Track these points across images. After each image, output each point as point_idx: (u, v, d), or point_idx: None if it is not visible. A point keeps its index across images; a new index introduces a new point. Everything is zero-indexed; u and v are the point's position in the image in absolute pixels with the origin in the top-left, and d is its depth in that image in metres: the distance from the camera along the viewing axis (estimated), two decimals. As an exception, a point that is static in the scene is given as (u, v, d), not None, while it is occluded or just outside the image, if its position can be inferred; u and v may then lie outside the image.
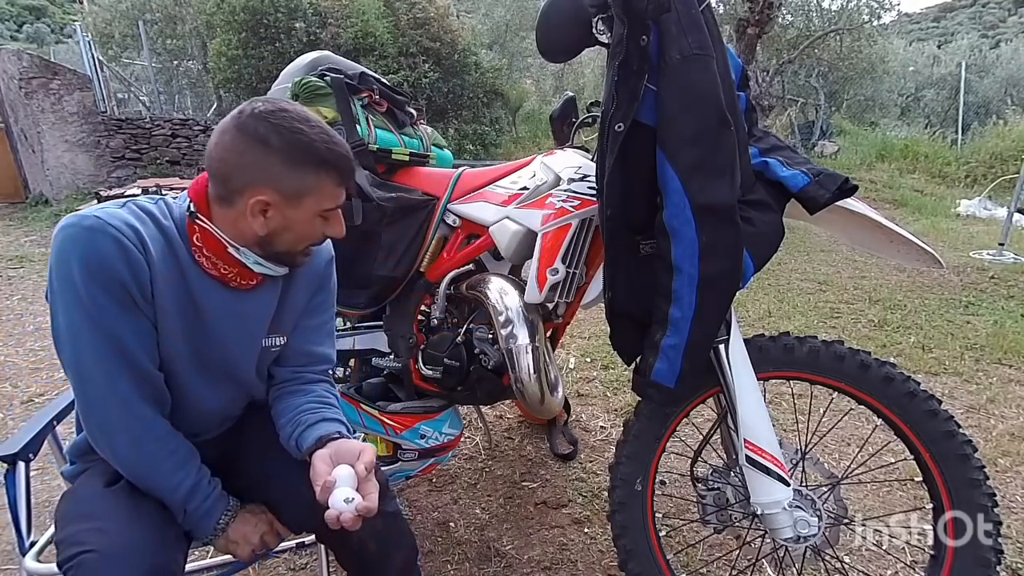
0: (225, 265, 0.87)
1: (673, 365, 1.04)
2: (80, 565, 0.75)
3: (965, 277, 4.06)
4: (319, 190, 0.85)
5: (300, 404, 0.99)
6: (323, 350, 1.06)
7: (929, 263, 1.15)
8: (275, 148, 0.81)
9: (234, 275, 0.89)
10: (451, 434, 1.43)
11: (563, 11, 1.03)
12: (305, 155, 0.82)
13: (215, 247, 0.86)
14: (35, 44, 23.61)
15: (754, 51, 6.63)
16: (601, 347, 2.85)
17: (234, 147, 0.81)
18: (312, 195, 0.85)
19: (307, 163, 0.82)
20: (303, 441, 0.93)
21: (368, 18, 7.64)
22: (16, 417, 2.26)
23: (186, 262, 0.86)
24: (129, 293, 0.79)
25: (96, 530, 0.79)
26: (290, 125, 0.81)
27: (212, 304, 0.89)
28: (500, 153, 9.13)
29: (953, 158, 9.23)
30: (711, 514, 1.25)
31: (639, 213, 1.04)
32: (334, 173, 0.85)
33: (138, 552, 0.78)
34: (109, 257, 0.77)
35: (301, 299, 1.01)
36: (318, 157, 0.83)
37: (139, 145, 7.20)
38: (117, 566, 0.76)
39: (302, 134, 0.82)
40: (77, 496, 0.90)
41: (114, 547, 0.77)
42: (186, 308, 0.87)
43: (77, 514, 0.85)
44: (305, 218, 0.86)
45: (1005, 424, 2.19)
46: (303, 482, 0.86)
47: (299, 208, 0.85)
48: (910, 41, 17.51)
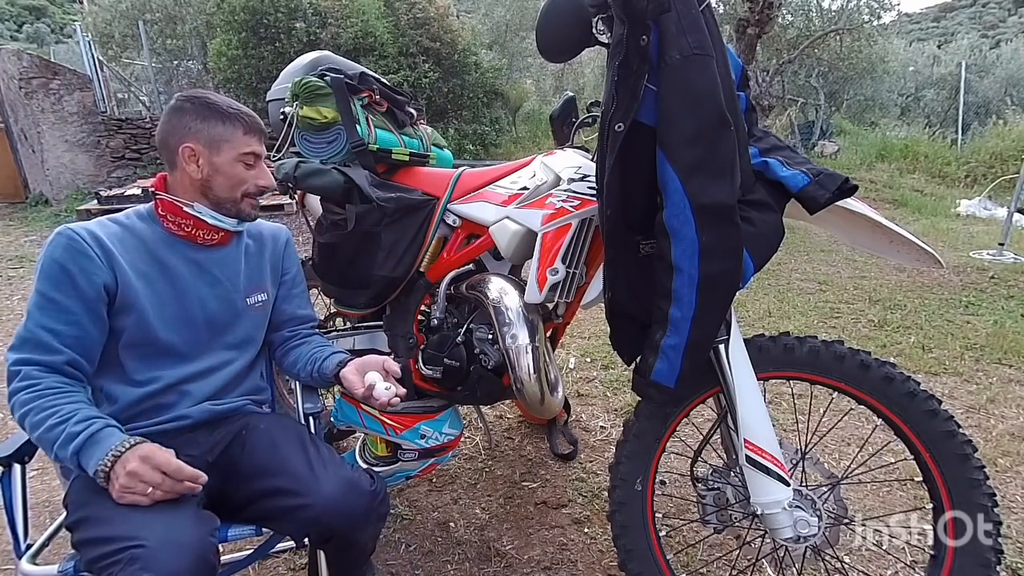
0: (187, 223, 1.08)
1: (673, 365, 1.04)
2: (131, 560, 0.78)
3: (965, 277, 4.06)
4: (230, 137, 1.07)
5: (308, 350, 1.24)
6: (308, 312, 1.31)
7: (929, 263, 1.15)
8: (188, 110, 1.06)
9: (196, 230, 1.09)
10: (451, 434, 1.43)
11: (563, 11, 1.03)
12: (210, 111, 1.06)
13: (174, 209, 1.07)
14: (35, 44, 23.62)
15: (754, 51, 6.62)
16: (601, 347, 2.85)
17: (165, 121, 1.08)
18: (226, 141, 1.07)
19: (214, 117, 1.06)
20: (325, 368, 1.16)
21: (368, 18, 7.63)
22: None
23: (153, 241, 1.07)
24: (72, 280, 0.96)
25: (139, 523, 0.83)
26: (198, 95, 1.08)
27: (183, 268, 1.08)
28: (500, 153, 9.13)
29: (953, 158, 9.23)
30: (711, 514, 1.24)
31: (639, 213, 1.04)
32: (239, 123, 1.08)
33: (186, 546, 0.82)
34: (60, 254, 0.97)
35: (263, 265, 1.22)
36: (221, 112, 1.07)
37: (139, 145, 7.18)
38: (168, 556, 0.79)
39: (207, 99, 1.08)
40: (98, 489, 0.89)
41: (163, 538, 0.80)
42: (154, 275, 1.05)
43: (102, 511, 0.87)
44: (227, 161, 1.07)
45: (1005, 424, 2.19)
46: (302, 496, 0.99)
47: (220, 153, 1.07)
48: (910, 41, 17.49)
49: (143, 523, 0.83)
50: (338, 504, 0.99)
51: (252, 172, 1.11)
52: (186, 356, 1.09)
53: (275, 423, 1.16)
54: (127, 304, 1.01)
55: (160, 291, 1.05)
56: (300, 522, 0.99)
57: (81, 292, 0.97)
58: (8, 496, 0.99)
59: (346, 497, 1.00)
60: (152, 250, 1.06)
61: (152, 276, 1.05)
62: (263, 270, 1.22)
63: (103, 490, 0.88)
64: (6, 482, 0.99)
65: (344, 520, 1.00)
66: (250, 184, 1.11)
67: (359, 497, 1.02)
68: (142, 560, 0.78)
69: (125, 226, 1.06)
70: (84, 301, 0.97)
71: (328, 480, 1.01)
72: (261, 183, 1.12)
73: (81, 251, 0.97)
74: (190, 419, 1.08)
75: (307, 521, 0.99)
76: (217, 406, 1.12)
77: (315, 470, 1.03)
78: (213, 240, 1.12)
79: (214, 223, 1.10)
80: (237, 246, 1.18)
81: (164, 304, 1.06)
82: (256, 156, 1.11)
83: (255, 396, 1.21)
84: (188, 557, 0.81)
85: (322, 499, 0.99)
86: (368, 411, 1.39)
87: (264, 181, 1.12)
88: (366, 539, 1.06)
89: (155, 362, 1.06)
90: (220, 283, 1.13)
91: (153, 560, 0.78)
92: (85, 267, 0.97)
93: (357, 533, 1.03)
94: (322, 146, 1.47)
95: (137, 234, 1.06)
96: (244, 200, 1.12)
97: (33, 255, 4.64)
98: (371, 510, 1.03)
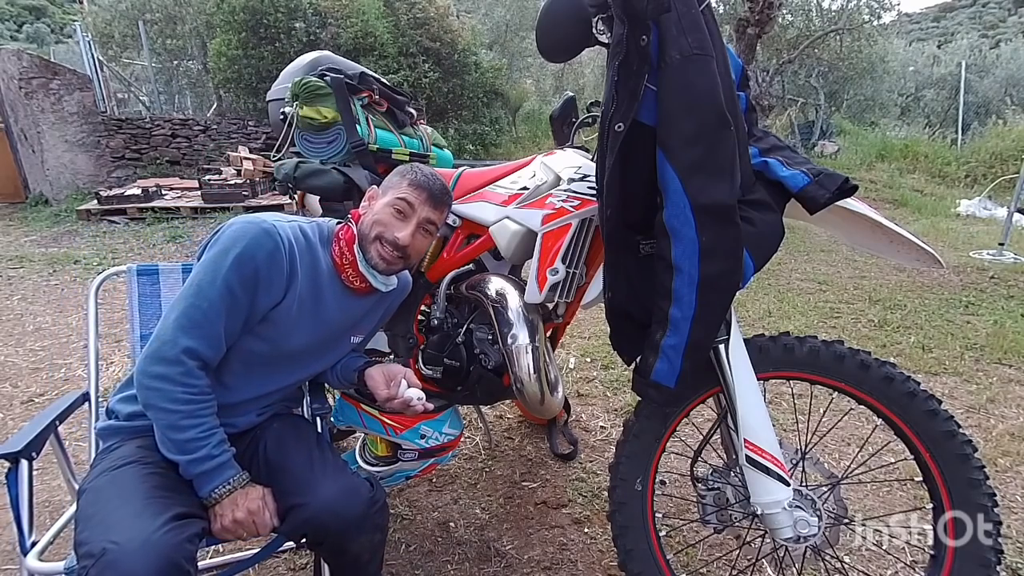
0: (348, 256, 1.12)
1: (673, 365, 1.04)
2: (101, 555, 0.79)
3: (965, 277, 4.07)
4: (397, 185, 1.15)
5: None
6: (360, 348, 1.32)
7: (929, 263, 1.15)
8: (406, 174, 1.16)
9: (349, 268, 1.13)
10: (451, 434, 1.43)
11: (563, 11, 1.03)
12: (402, 170, 1.17)
13: (349, 238, 1.13)
14: (35, 44, 23.60)
15: (754, 51, 6.62)
16: (601, 347, 2.85)
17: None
18: (393, 188, 1.15)
19: (400, 172, 1.17)
20: (347, 369, 1.22)
21: (368, 18, 7.63)
22: (16, 417, 2.26)
23: (323, 269, 1.12)
24: (257, 284, 1.00)
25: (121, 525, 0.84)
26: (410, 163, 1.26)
27: (331, 304, 1.13)
28: (500, 153, 9.13)
29: (953, 158, 9.23)
30: (711, 514, 1.24)
31: (639, 213, 1.04)
32: (410, 176, 1.15)
33: (155, 553, 0.81)
34: (261, 254, 0.99)
35: (379, 313, 1.27)
36: (407, 169, 1.17)
37: (139, 145, 7.19)
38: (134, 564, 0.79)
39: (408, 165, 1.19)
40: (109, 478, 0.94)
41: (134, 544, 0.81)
42: (309, 306, 1.09)
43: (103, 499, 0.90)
44: (384, 203, 1.13)
45: (1005, 424, 2.19)
46: (300, 496, 1.00)
47: (384, 196, 1.15)
48: (910, 41, 17.49)
49: (119, 524, 0.84)
50: (334, 508, 1.00)
51: (396, 222, 1.12)
52: (276, 376, 1.12)
53: (286, 423, 1.18)
54: (273, 320, 1.05)
55: (306, 320, 1.09)
56: (295, 522, 1.01)
57: (254, 299, 1.01)
58: (14, 493, 0.99)
59: (343, 502, 1.01)
60: (320, 280, 1.10)
61: (307, 304, 1.09)
62: (377, 317, 1.27)
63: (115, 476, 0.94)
64: (12, 478, 1.00)
65: (338, 524, 1.01)
66: (387, 231, 1.11)
67: (356, 503, 1.02)
68: (108, 558, 0.79)
69: (311, 244, 1.10)
70: (250, 309, 1.01)
71: (327, 483, 1.02)
72: (397, 235, 1.11)
73: (278, 262, 1.01)
74: (235, 428, 1.11)
75: (301, 521, 1.00)
76: (259, 416, 1.16)
77: (316, 472, 1.04)
78: (355, 284, 1.14)
79: (362, 270, 1.12)
80: (374, 301, 1.22)
81: (303, 332, 1.10)
82: (408, 207, 1.12)
83: (290, 403, 1.26)
84: (156, 561, 0.80)
85: (318, 501, 1.00)
86: (368, 411, 1.39)
87: (400, 234, 1.11)
88: (359, 546, 1.06)
89: (253, 374, 1.09)
90: (346, 322, 1.18)
91: (119, 561, 0.79)
92: (273, 278, 1.01)
93: (350, 539, 1.04)
94: (322, 146, 1.47)
95: (315, 258, 1.10)
96: (375, 243, 1.11)
97: (33, 255, 4.64)
98: (367, 517, 1.04)
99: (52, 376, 2.60)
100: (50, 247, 4.96)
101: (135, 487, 0.92)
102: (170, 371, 0.95)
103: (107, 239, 5.16)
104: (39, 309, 3.46)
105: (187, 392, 0.95)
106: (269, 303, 1.03)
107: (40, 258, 4.57)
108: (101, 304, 1.20)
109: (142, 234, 5.26)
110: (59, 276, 4.13)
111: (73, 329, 3.13)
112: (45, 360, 2.77)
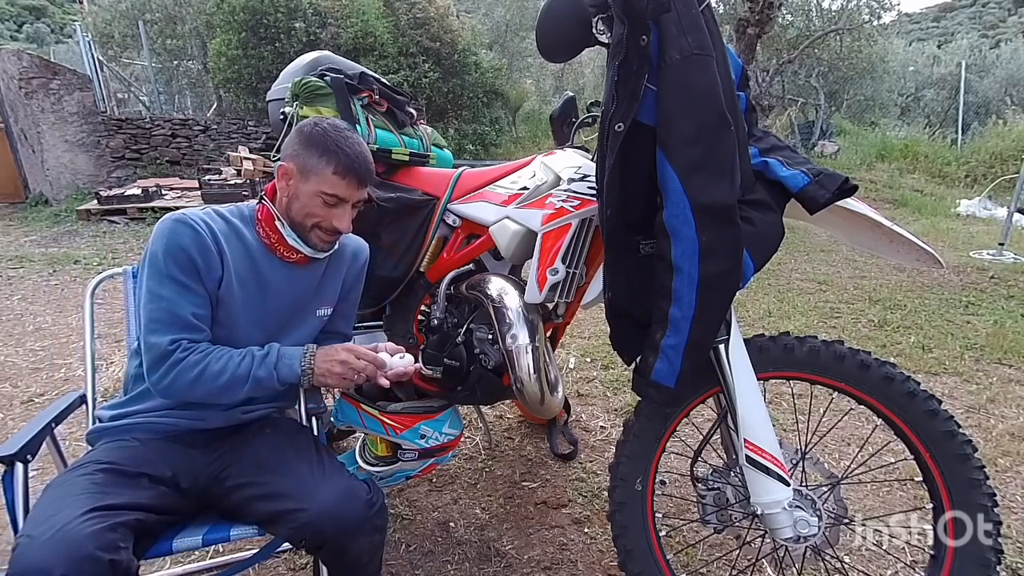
0: (273, 235, 1.12)
1: (673, 365, 1.04)
2: (15, 549, 0.83)
3: (965, 277, 4.06)
4: (319, 172, 1.07)
5: None
6: (347, 331, 1.34)
7: (929, 263, 1.15)
8: (304, 135, 1.08)
9: (278, 244, 1.12)
10: (451, 434, 1.42)
11: (563, 11, 1.03)
12: (318, 142, 1.07)
13: (268, 217, 1.12)
14: (35, 44, 23.61)
15: (754, 51, 6.62)
16: (601, 347, 2.85)
17: (287, 136, 1.12)
18: (315, 175, 1.07)
19: (316, 147, 1.07)
20: None
21: (368, 18, 7.63)
22: (16, 417, 2.26)
23: (252, 244, 1.12)
24: (197, 270, 1.03)
25: (39, 519, 0.86)
26: (321, 124, 1.09)
27: (272, 279, 1.13)
28: (500, 153, 9.13)
29: (953, 158, 9.23)
30: (711, 514, 1.24)
31: (639, 213, 1.04)
32: (332, 161, 1.06)
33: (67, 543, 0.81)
34: (186, 242, 1.02)
35: (337, 281, 1.25)
36: (325, 146, 1.06)
37: (139, 145, 7.19)
38: (43, 554, 0.80)
39: (326, 131, 1.08)
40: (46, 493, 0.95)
41: (46, 535, 0.82)
42: (251, 282, 1.10)
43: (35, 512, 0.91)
44: (308, 192, 1.08)
45: (1005, 424, 2.19)
46: (298, 501, 1.00)
47: (306, 183, 1.08)
48: (910, 41, 17.49)
49: (41, 519, 0.86)
50: (332, 512, 1.00)
51: (330, 211, 1.10)
52: None
53: (281, 426, 1.18)
54: (223, 301, 1.08)
55: (251, 296, 1.11)
56: (294, 526, 1.00)
57: (206, 281, 1.04)
58: (11, 495, 0.99)
59: (341, 506, 1.01)
60: (252, 256, 1.11)
61: (247, 281, 1.10)
62: (336, 286, 1.25)
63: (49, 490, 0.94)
64: (8, 481, 1.00)
65: (337, 528, 1.00)
66: (324, 221, 1.10)
67: (354, 506, 1.02)
68: (18, 551, 0.81)
69: (232, 225, 1.10)
70: (208, 289, 1.05)
71: (325, 487, 1.02)
72: (335, 224, 1.11)
73: (204, 245, 1.03)
74: (220, 423, 1.12)
75: (300, 526, 0.99)
76: (246, 414, 1.15)
77: (314, 476, 1.04)
78: (291, 257, 1.14)
79: (292, 243, 1.12)
80: (317, 267, 1.20)
81: (251, 309, 1.11)
82: (339, 200, 1.09)
83: (282, 403, 1.25)
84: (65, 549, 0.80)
85: (317, 505, 0.99)
86: (368, 411, 1.39)
87: (340, 224, 1.11)
88: (359, 549, 1.05)
89: None
90: (296, 293, 1.17)
91: (27, 554, 0.80)
92: (208, 260, 1.04)
93: (349, 542, 1.03)
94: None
95: (241, 236, 1.11)
96: (313, 231, 1.11)
97: (33, 255, 4.64)
98: (365, 520, 1.03)
99: (52, 376, 2.60)
100: (50, 247, 4.96)
101: (79, 485, 0.94)
102: (169, 361, 1.00)
103: (107, 239, 5.17)
104: (39, 309, 3.46)
105: (195, 355, 1.01)
106: (214, 284, 1.06)
107: (40, 258, 4.57)
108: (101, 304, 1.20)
109: (142, 234, 5.26)
110: (59, 276, 4.13)
111: (73, 329, 3.13)
112: (45, 360, 2.77)
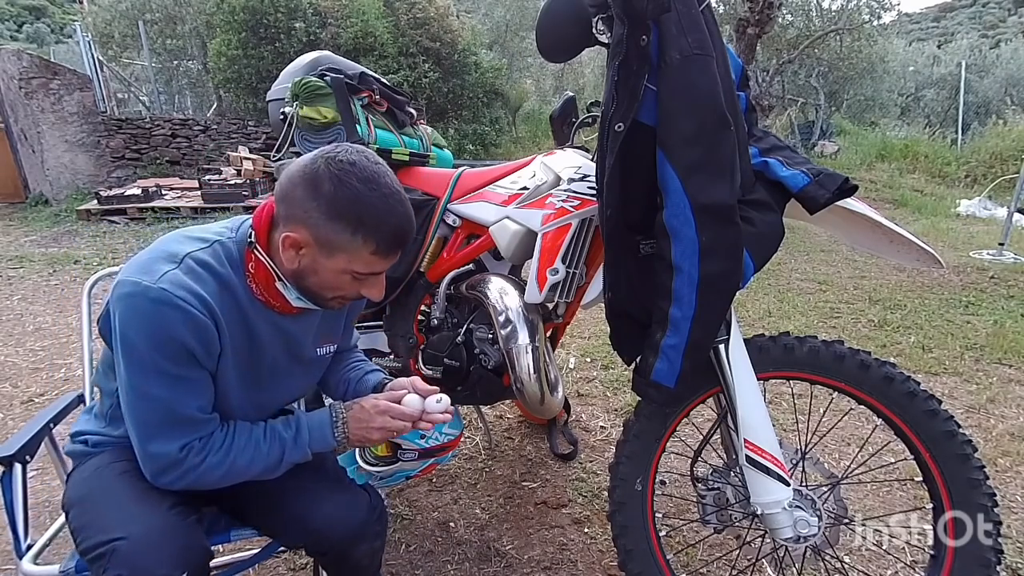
0: (274, 299, 0.91)
1: (673, 365, 1.04)
2: (113, 552, 0.78)
3: (965, 277, 4.06)
4: (352, 251, 0.84)
5: (342, 367, 1.15)
6: (347, 346, 1.20)
7: (929, 263, 1.15)
8: (322, 194, 0.81)
9: (277, 304, 0.92)
10: (451, 434, 1.42)
11: (563, 11, 1.03)
12: (347, 211, 0.81)
13: (265, 277, 0.89)
14: (35, 44, 23.62)
15: (754, 51, 6.62)
16: (601, 347, 2.85)
17: (294, 179, 0.83)
18: (345, 253, 0.84)
19: (345, 220, 0.82)
20: (362, 388, 1.09)
21: (368, 18, 7.63)
22: (16, 417, 2.26)
23: (243, 298, 0.90)
24: (195, 356, 0.83)
25: (125, 518, 0.83)
26: (347, 178, 0.81)
27: (265, 334, 0.94)
28: (500, 153, 9.12)
29: (953, 158, 9.23)
30: (711, 514, 1.24)
31: (639, 213, 1.04)
32: (372, 240, 0.84)
33: (168, 536, 0.81)
34: (177, 329, 0.80)
35: (343, 315, 1.11)
36: (359, 220, 0.82)
37: (139, 145, 7.20)
38: (149, 551, 0.78)
39: (354, 190, 0.81)
40: (91, 485, 0.91)
41: (145, 533, 0.80)
42: (242, 340, 0.91)
43: (95, 504, 0.88)
44: (334, 270, 0.86)
45: (1005, 424, 2.19)
46: (302, 508, 0.99)
47: (330, 259, 0.85)
48: (910, 41, 17.49)
49: (119, 521, 0.82)
50: (335, 521, 1.00)
51: (359, 284, 0.90)
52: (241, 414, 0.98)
53: None
54: (220, 372, 0.91)
55: (243, 361, 0.93)
56: (297, 534, 1.01)
57: (205, 364, 0.86)
58: (9, 496, 0.99)
59: (343, 516, 1.01)
60: (244, 314, 0.90)
61: (241, 345, 0.91)
62: (339, 323, 1.10)
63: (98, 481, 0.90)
64: (7, 482, 0.99)
65: (340, 536, 1.01)
66: (349, 292, 0.91)
67: (357, 515, 1.02)
68: (119, 554, 0.77)
69: (220, 278, 0.87)
70: (207, 369, 0.87)
71: (327, 497, 1.02)
72: (366, 294, 0.93)
73: (200, 326, 0.82)
74: None
75: (303, 534, 1.00)
76: None
77: (316, 485, 1.04)
78: (290, 311, 0.95)
79: (299, 305, 0.93)
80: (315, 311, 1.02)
81: (244, 371, 0.94)
82: (375, 275, 0.91)
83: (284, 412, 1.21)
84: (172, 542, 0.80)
85: (320, 515, 0.99)
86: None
87: (371, 294, 0.93)
88: (360, 555, 1.06)
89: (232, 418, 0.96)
90: (295, 343, 1.00)
91: (132, 553, 0.77)
92: (207, 341, 0.84)
93: (352, 549, 1.04)
94: (322, 146, 1.47)
95: (231, 290, 0.88)
96: (334, 300, 0.93)
97: (33, 255, 4.64)
98: (367, 526, 1.04)
99: (52, 376, 2.60)
100: (50, 247, 4.96)
101: (120, 487, 0.89)
102: (183, 468, 0.85)
103: (107, 239, 5.16)
104: (39, 309, 3.46)
105: (213, 456, 0.87)
106: (214, 363, 0.88)
107: (40, 258, 4.56)
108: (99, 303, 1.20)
109: (142, 234, 5.26)
110: (59, 276, 4.13)
111: (73, 329, 3.13)
112: (45, 360, 2.77)
